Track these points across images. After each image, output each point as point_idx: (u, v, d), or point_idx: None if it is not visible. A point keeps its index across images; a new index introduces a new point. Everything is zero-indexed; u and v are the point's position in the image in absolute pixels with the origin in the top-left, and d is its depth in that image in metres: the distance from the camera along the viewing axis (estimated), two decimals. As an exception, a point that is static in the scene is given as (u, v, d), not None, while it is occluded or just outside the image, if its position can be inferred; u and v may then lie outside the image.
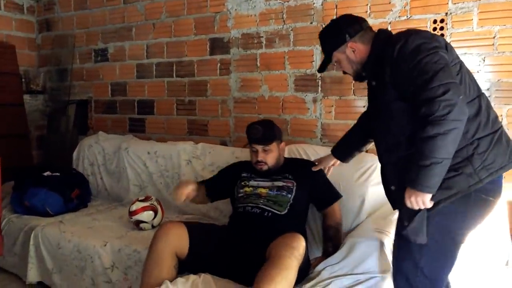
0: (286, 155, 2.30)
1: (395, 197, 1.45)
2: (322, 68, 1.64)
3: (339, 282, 1.64)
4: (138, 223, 2.30)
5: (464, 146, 1.31)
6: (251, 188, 2.00)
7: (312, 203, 2.04)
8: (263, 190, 1.97)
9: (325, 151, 2.10)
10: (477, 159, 1.31)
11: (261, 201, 1.92)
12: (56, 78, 3.65)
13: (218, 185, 2.15)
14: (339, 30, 1.51)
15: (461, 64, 1.37)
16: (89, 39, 3.46)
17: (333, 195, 2.02)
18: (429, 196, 1.29)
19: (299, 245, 1.62)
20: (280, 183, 1.97)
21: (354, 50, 1.49)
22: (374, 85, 1.47)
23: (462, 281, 1.63)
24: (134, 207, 2.29)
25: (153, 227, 2.31)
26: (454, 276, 1.56)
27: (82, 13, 3.48)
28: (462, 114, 1.23)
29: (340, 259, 1.71)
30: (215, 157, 2.58)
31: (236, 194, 2.04)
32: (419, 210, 1.33)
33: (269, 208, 1.89)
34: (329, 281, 1.65)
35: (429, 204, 1.31)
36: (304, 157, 2.24)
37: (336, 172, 2.02)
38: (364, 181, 2.07)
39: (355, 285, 1.61)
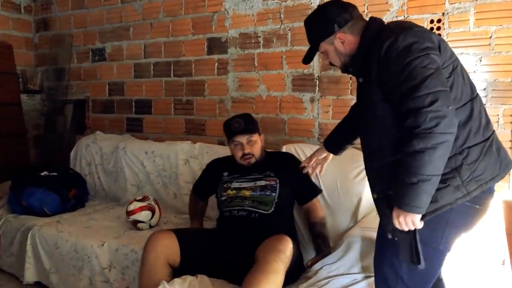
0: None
1: (377, 205, 1.36)
2: (308, 59, 1.48)
3: (336, 282, 1.64)
4: (135, 223, 2.30)
5: (453, 156, 1.20)
6: (234, 191, 1.99)
7: (294, 198, 2.04)
8: (247, 192, 1.95)
9: (323, 150, 2.10)
10: (466, 170, 1.21)
11: (246, 202, 1.92)
12: (54, 77, 3.64)
13: (205, 188, 2.22)
14: (327, 19, 1.37)
15: (454, 64, 1.26)
16: (87, 39, 3.46)
17: (313, 189, 2.03)
18: (419, 216, 1.19)
19: (286, 248, 1.62)
20: (262, 182, 1.96)
21: (343, 41, 1.36)
22: (361, 82, 1.37)
23: (458, 281, 1.63)
24: (131, 207, 2.29)
25: (150, 227, 2.31)
26: (450, 276, 1.57)
27: (80, 12, 3.47)
28: (451, 127, 1.13)
29: (337, 258, 1.71)
30: (212, 156, 2.55)
31: (220, 197, 2.04)
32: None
33: (255, 209, 1.89)
34: (326, 281, 1.65)
35: (420, 225, 1.20)
36: (302, 156, 2.23)
37: (333, 171, 2.02)
38: (361, 180, 2.07)
39: (352, 285, 1.62)
